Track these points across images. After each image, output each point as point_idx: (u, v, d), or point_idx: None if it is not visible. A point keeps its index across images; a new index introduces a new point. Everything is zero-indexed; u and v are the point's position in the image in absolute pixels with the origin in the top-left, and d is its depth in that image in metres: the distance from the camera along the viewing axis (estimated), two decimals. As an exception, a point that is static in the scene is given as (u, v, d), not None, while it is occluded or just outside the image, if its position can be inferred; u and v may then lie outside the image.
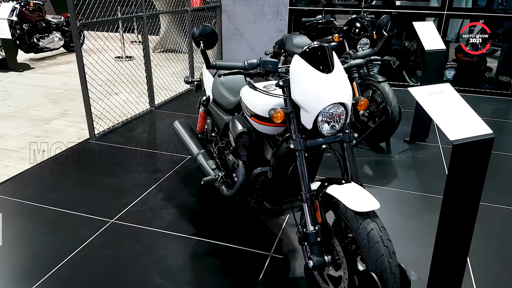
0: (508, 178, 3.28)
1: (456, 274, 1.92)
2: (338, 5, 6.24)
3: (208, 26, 1.80)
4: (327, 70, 1.76)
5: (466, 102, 1.82)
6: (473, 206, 1.75)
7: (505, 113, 4.99)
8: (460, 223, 1.78)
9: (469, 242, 1.83)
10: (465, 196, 1.73)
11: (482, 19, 5.66)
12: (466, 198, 1.74)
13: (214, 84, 2.74)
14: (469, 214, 1.77)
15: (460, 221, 1.77)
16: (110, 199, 2.89)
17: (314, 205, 1.79)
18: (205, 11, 5.98)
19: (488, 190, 2.12)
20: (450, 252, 1.83)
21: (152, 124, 4.44)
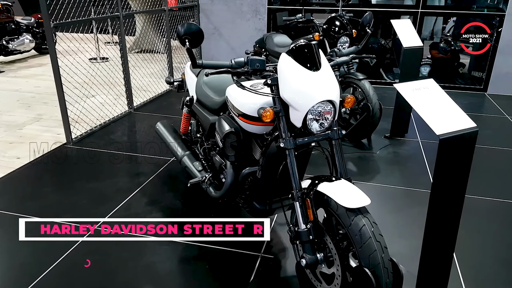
0: (485, 170, 3.37)
1: (444, 264, 1.96)
2: (315, 3, 6.28)
3: (194, 24, 1.77)
4: (314, 67, 1.76)
5: (449, 97, 1.85)
6: (459, 198, 1.79)
7: (480, 107, 5.13)
8: (447, 214, 1.81)
9: (456, 233, 1.87)
10: (452, 188, 1.76)
11: (454, 17, 5.82)
12: (453, 190, 1.77)
13: (197, 84, 2.71)
14: (456, 205, 1.80)
15: (447, 212, 1.80)
16: (92, 205, 2.80)
17: (305, 203, 1.78)
18: (182, 11, 5.91)
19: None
20: (438, 243, 1.86)
21: (131, 126, 4.36)
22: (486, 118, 4.73)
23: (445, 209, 1.78)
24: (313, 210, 1.76)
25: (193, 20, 6.28)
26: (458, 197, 1.79)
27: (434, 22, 6.22)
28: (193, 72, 2.83)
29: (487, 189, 3.06)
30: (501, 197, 2.97)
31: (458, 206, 1.81)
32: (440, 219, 1.80)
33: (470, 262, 2.28)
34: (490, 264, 2.30)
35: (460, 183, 1.77)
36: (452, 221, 1.83)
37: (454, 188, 1.77)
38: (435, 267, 1.93)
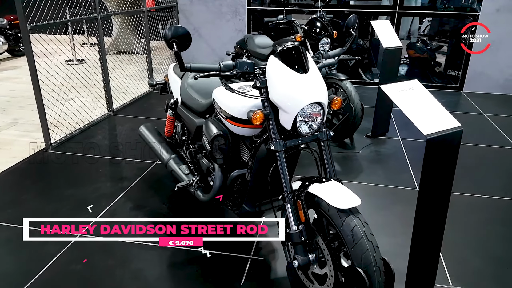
0: (464, 167, 3.47)
1: (432, 259, 2.00)
2: (293, 4, 6.31)
3: (181, 27, 1.75)
4: (302, 70, 1.77)
5: (434, 97, 1.90)
6: (446, 195, 1.84)
7: (456, 105, 5.27)
8: (435, 211, 1.85)
9: (443, 229, 1.92)
10: (439, 185, 1.81)
11: (431, 17, 5.96)
12: (440, 187, 1.81)
13: (182, 86, 2.68)
14: (443, 202, 1.85)
15: (434, 209, 1.85)
16: (75, 212, 2.74)
17: (296, 205, 1.79)
18: (161, 11, 5.84)
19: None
20: (426, 239, 1.90)
21: (112, 129, 4.28)
22: (463, 115, 4.86)
23: (432, 205, 1.82)
24: (305, 212, 1.77)
25: (172, 21, 6.23)
26: (444, 194, 1.84)
27: (411, 22, 6.36)
28: (177, 74, 2.80)
29: (466, 185, 3.15)
30: (480, 193, 3.06)
31: (445, 202, 1.86)
32: (428, 215, 1.84)
33: (454, 257, 2.34)
34: (474, 259, 2.36)
35: (446, 180, 1.82)
36: (439, 217, 1.88)
37: (441, 185, 1.81)
38: (424, 262, 1.98)
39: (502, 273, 2.25)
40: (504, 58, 5.47)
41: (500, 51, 5.44)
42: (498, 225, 2.71)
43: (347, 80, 3.64)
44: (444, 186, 1.83)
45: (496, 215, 2.83)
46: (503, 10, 5.25)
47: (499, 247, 2.47)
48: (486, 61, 5.52)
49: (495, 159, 3.69)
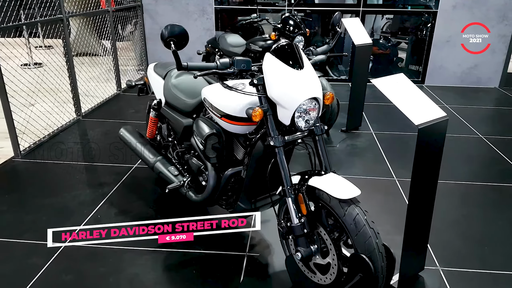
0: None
1: (423, 243, 2.11)
2: (261, 3, 6.33)
3: (177, 25, 1.74)
4: (298, 66, 1.80)
5: (420, 90, 2.00)
6: (435, 180, 1.94)
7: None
8: (426, 195, 1.96)
9: (431, 212, 2.03)
10: (429, 171, 1.91)
11: (392, 14, 6.21)
12: (430, 173, 1.91)
13: (165, 86, 2.64)
14: (432, 186, 1.95)
15: (426, 193, 1.95)
16: (57, 221, 2.62)
17: (298, 198, 1.82)
18: (125, 11, 5.69)
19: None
20: (418, 223, 2.00)
21: (83, 134, 4.13)
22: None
23: (424, 190, 1.92)
24: (307, 204, 1.81)
25: (136, 21, 6.09)
26: (433, 179, 1.94)
27: (374, 20, 6.58)
28: (159, 74, 2.76)
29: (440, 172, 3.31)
30: (453, 179, 3.23)
31: (434, 187, 1.96)
32: (420, 200, 1.93)
33: (438, 241, 2.45)
34: (456, 241, 2.49)
35: (435, 166, 1.92)
36: (429, 201, 1.98)
37: (430, 170, 1.91)
38: (415, 246, 2.07)
39: (482, 252, 2.39)
40: (461, 52, 5.79)
41: (457, 46, 5.75)
42: (472, 208, 2.88)
43: (322, 77, 3.72)
44: (433, 172, 1.93)
45: (470, 199, 3.01)
46: (458, 7, 5.56)
47: (476, 229, 2.62)
48: (445, 56, 5.82)
49: (462, 147, 3.91)
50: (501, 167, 3.49)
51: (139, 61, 6.32)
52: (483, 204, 2.94)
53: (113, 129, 4.17)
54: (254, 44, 4.22)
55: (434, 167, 1.93)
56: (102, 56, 6.76)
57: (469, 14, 5.57)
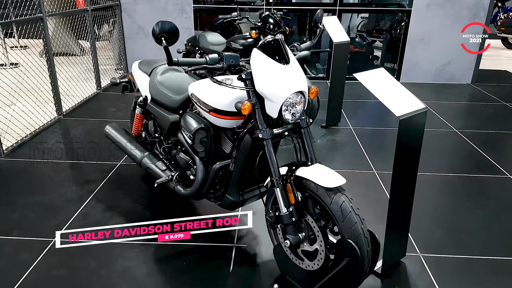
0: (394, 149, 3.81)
1: (404, 230, 2.22)
2: (239, 2, 6.40)
3: (167, 22, 1.78)
4: (284, 61, 1.88)
5: (399, 83, 2.10)
6: (415, 169, 2.05)
7: (395, 94, 5.69)
8: (407, 184, 2.07)
9: (412, 200, 2.14)
10: (409, 161, 2.02)
11: (367, 13, 6.37)
12: (410, 163, 2.03)
13: (151, 83, 2.67)
14: (413, 176, 2.07)
15: (407, 182, 2.06)
16: (44, 218, 2.63)
17: (286, 188, 1.90)
18: (103, 11, 5.64)
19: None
20: (400, 211, 2.11)
21: (65, 133, 4.10)
22: (403, 104, 5.28)
23: (405, 180, 2.03)
24: (295, 194, 1.88)
25: (115, 21, 6.05)
26: (414, 168, 2.05)
27: (350, 19, 6.74)
28: (144, 72, 2.79)
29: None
30: (429, 171, 3.38)
31: (414, 176, 2.07)
32: (401, 189, 2.04)
33: (418, 229, 2.57)
34: (434, 229, 2.62)
35: (415, 156, 2.03)
36: (410, 190, 2.09)
37: (411, 160, 2.02)
38: (397, 234, 2.18)
39: (459, 239, 2.53)
40: (435, 50, 6.00)
41: (431, 43, 5.96)
42: (449, 198, 3.03)
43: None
44: (414, 162, 2.05)
45: (446, 190, 3.16)
46: (431, 5, 5.76)
47: (453, 217, 2.76)
48: (420, 53, 6.02)
49: (438, 141, 4.08)
50: (475, 159, 3.66)
51: (118, 60, 6.28)
52: (460, 194, 3.09)
53: (96, 128, 4.16)
54: (235, 42, 4.28)
55: (414, 158, 2.04)
56: (80, 56, 6.69)
57: (442, 13, 5.78)
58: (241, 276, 2.18)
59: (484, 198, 3.04)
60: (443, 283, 2.14)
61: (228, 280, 2.15)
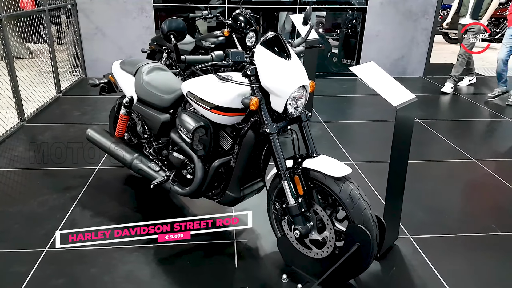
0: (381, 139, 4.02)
1: (396, 214, 2.36)
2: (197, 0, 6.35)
3: (175, 19, 1.78)
4: (286, 56, 1.93)
5: (389, 75, 2.23)
6: (407, 154, 2.20)
7: (356, 89, 5.94)
8: (402, 171, 2.20)
9: (404, 184, 2.28)
10: (404, 149, 2.15)
11: (325, 11, 6.58)
12: (405, 151, 2.16)
13: (137, 83, 2.62)
14: (405, 163, 2.21)
15: (402, 170, 2.19)
16: (30, 228, 2.50)
17: (294, 180, 1.95)
18: (57, 11, 5.37)
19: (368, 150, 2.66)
20: (395, 195, 2.25)
21: (32, 139, 3.87)
22: (365, 98, 5.54)
23: (401, 165, 2.16)
24: (303, 185, 1.94)
25: (69, 21, 5.78)
26: (407, 155, 2.19)
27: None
28: (128, 72, 2.72)
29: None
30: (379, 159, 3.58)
31: (406, 160, 2.21)
32: (399, 174, 2.17)
33: (404, 213, 2.72)
34: (417, 212, 2.79)
35: (408, 142, 2.17)
36: (402, 174, 2.23)
37: (405, 146, 2.16)
38: (390, 218, 2.32)
39: (439, 219, 2.72)
40: (388, 45, 6.33)
41: (385, 39, 6.27)
42: (424, 182, 3.23)
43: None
44: (407, 148, 2.19)
45: (420, 175, 3.36)
46: (385, 3, 6.07)
47: (431, 200, 2.96)
48: (375, 49, 6.33)
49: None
50: (439, 145, 3.94)
51: (74, 62, 6.00)
52: (433, 178, 3.31)
53: (63, 133, 3.99)
54: (206, 40, 4.27)
55: (407, 144, 2.18)
56: (28, 59, 6.30)
57: (395, 10, 6.11)
58: (247, 270, 2.21)
59: (453, 180, 3.29)
60: (436, 260, 2.30)
61: (235, 275, 2.17)
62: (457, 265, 2.29)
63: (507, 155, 3.82)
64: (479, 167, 3.47)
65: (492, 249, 2.43)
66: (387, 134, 2.19)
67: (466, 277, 2.20)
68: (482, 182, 3.26)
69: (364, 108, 5.17)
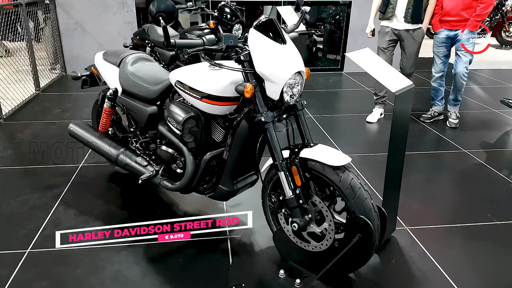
0: (369, 133, 3.99)
1: (394, 206, 2.31)
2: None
3: (163, 0, 1.66)
4: (281, 40, 1.84)
5: (384, 61, 2.17)
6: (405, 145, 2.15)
7: (342, 84, 5.89)
8: (399, 160, 2.15)
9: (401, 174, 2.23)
10: (402, 136, 2.10)
11: (310, 6, 6.52)
12: (403, 139, 2.11)
13: (122, 74, 2.49)
14: (403, 152, 2.15)
15: (400, 160, 2.14)
16: (11, 229, 2.35)
17: (291, 171, 1.87)
18: (34, 6, 5.16)
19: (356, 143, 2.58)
20: (394, 189, 2.19)
21: (10, 138, 3.69)
22: (352, 92, 5.51)
23: (399, 155, 2.11)
24: (301, 176, 1.86)
25: (46, 17, 5.57)
26: (405, 142, 2.14)
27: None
28: (111, 63, 2.59)
29: (380, 146, 3.61)
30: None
31: (405, 150, 2.16)
32: (396, 162, 2.12)
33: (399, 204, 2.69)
34: (412, 203, 2.74)
35: (406, 129, 2.12)
36: (402, 163, 2.18)
37: (403, 134, 2.11)
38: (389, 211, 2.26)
39: (435, 209, 2.69)
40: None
41: (370, 34, 6.25)
42: (414, 174, 3.19)
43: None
44: (405, 136, 2.13)
45: (411, 167, 3.33)
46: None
47: (424, 191, 2.93)
48: (361, 43, 6.27)
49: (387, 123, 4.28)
50: (428, 137, 3.92)
51: (53, 59, 5.79)
52: (423, 169, 3.28)
53: (43, 130, 3.82)
54: (191, 33, 4.14)
55: (406, 132, 2.12)
56: (4, 57, 6.05)
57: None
58: (243, 266, 2.13)
59: (445, 171, 3.26)
60: (434, 251, 2.25)
61: (230, 272, 2.07)
62: (456, 255, 2.25)
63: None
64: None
65: (490, 238, 2.40)
66: (376, 127, 2.14)
67: (466, 267, 2.16)
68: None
69: (351, 102, 5.14)
